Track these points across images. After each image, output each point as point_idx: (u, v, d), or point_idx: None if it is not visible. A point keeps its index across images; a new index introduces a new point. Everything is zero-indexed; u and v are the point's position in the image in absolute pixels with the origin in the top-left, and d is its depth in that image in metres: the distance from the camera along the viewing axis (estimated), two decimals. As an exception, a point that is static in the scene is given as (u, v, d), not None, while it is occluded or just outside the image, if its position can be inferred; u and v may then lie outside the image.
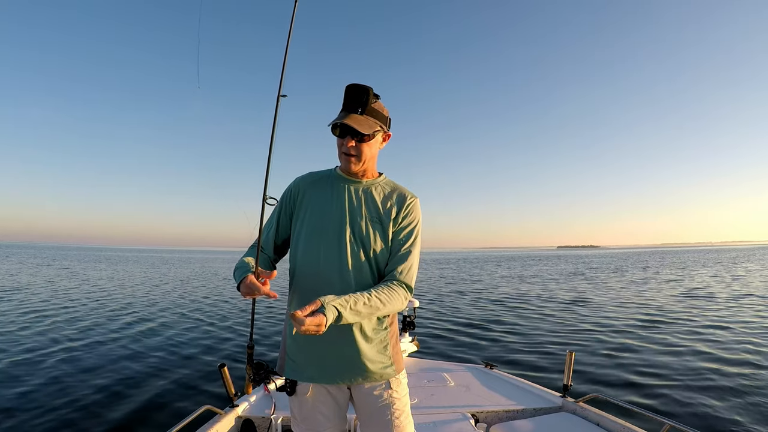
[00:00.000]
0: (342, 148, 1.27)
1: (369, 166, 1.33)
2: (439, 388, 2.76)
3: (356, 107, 1.23)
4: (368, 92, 1.23)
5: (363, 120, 1.22)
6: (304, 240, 1.31)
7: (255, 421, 2.31)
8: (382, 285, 1.23)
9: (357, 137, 1.24)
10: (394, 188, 1.37)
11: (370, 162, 1.32)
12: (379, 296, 1.17)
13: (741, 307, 10.14)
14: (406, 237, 1.31)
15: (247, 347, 1.63)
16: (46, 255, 52.84)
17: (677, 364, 5.33)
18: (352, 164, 1.28)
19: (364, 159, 1.29)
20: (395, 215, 1.31)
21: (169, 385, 4.54)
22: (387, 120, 1.31)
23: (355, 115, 1.22)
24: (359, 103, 1.23)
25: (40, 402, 4.00)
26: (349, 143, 1.24)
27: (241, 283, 1.18)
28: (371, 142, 1.28)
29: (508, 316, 9.21)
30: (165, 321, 8.54)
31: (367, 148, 1.27)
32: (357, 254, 1.26)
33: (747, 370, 5.06)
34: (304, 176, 1.41)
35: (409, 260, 1.29)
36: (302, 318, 0.98)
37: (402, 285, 1.25)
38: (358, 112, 1.23)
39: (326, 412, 1.31)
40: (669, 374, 4.90)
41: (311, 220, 1.31)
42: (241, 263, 1.28)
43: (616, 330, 7.53)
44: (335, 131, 1.27)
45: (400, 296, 1.24)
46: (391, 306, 1.20)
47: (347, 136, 1.24)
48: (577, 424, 2.25)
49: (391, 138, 1.38)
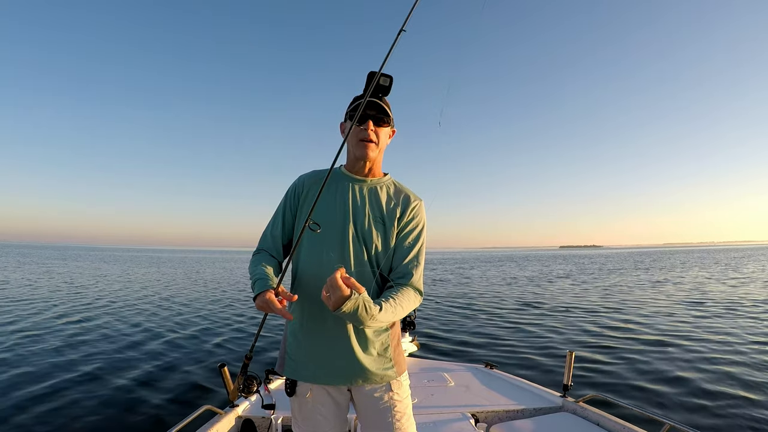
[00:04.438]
0: (361, 134, 1.26)
1: (377, 161, 1.34)
2: (439, 388, 2.76)
3: (380, 93, 1.24)
4: (391, 79, 1.23)
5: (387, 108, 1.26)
6: (307, 239, 1.29)
7: (255, 421, 2.32)
8: (395, 290, 1.23)
9: (377, 122, 1.26)
10: (398, 189, 1.36)
11: (380, 154, 1.33)
12: (400, 302, 1.18)
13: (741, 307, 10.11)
14: (413, 240, 1.31)
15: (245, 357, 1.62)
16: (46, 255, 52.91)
17: (678, 363, 5.32)
18: (370, 150, 1.27)
19: (381, 147, 1.30)
20: (399, 216, 1.30)
21: (169, 385, 4.55)
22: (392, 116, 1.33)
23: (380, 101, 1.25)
24: (383, 89, 1.23)
25: (39, 402, 4.01)
26: (370, 127, 1.25)
27: (258, 296, 1.16)
28: (387, 131, 1.31)
29: (508, 316, 9.19)
30: (165, 321, 8.55)
31: (384, 136, 1.30)
32: (359, 254, 1.26)
33: (747, 370, 5.05)
34: (309, 174, 1.39)
35: (417, 263, 1.29)
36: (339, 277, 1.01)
37: (413, 289, 1.26)
38: (380, 99, 1.25)
39: (326, 414, 1.30)
40: (669, 374, 4.89)
41: (314, 221, 1.28)
42: (261, 274, 1.23)
43: (616, 330, 7.52)
44: (354, 116, 1.24)
45: (413, 301, 1.25)
46: (406, 311, 1.22)
47: (368, 121, 1.25)
48: (577, 424, 2.25)
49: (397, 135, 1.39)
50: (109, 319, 8.64)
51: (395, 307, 1.16)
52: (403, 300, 1.20)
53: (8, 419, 3.62)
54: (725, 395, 4.22)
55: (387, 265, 1.30)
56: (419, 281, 1.30)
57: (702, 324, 8.00)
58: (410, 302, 1.23)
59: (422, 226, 1.34)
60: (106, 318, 8.73)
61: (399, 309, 1.18)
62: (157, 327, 7.85)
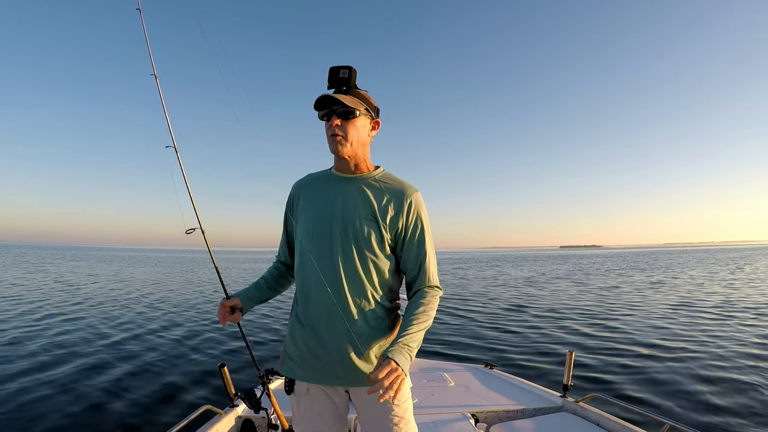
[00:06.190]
0: (329, 130, 1.22)
1: (360, 155, 1.27)
2: (439, 388, 2.76)
3: (340, 86, 1.21)
4: (350, 70, 1.20)
5: (348, 98, 1.20)
6: (300, 244, 1.29)
7: (255, 421, 2.32)
8: (414, 299, 1.25)
9: (342, 116, 1.20)
10: (391, 182, 1.28)
11: (359, 148, 1.26)
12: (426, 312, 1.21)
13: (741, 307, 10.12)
14: (419, 237, 1.27)
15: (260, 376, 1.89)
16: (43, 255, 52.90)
17: (678, 364, 5.32)
18: (339, 144, 1.21)
19: (351, 140, 1.22)
20: (393, 213, 1.24)
21: (169, 385, 4.55)
22: (374, 108, 1.27)
23: (339, 94, 1.20)
24: (342, 81, 1.20)
25: (37, 401, 4.02)
26: (335, 122, 1.20)
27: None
28: (357, 123, 1.22)
29: (508, 316, 9.20)
30: (165, 321, 8.56)
31: (353, 129, 1.21)
32: (350, 255, 1.21)
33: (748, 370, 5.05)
34: (301, 179, 1.39)
35: (427, 259, 1.27)
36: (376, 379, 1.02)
37: (430, 288, 1.27)
38: (342, 91, 1.21)
39: (323, 414, 1.28)
40: (669, 374, 4.89)
41: (306, 224, 1.28)
42: (257, 280, 1.44)
43: (616, 330, 7.52)
44: (321, 114, 1.23)
45: (433, 302, 1.25)
46: (431, 314, 1.23)
47: (333, 116, 1.20)
48: (577, 424, 2.25)
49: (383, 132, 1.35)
50: (109, 319, 8.64)
51: (420, 323, 1.18)
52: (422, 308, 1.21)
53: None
54: (725, 395, 4.22)
55: (387, 266, 1.26)
56: (434, 277, 1.28)
57: (702, 324, 8.00)
58: (431, 304, 1.24)
59: (423, 217, 1.28)
60: (106, 317, 8.73)
61: (424, 319, 1.20)
62: (157, 327, 7.86)
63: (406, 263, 1.27)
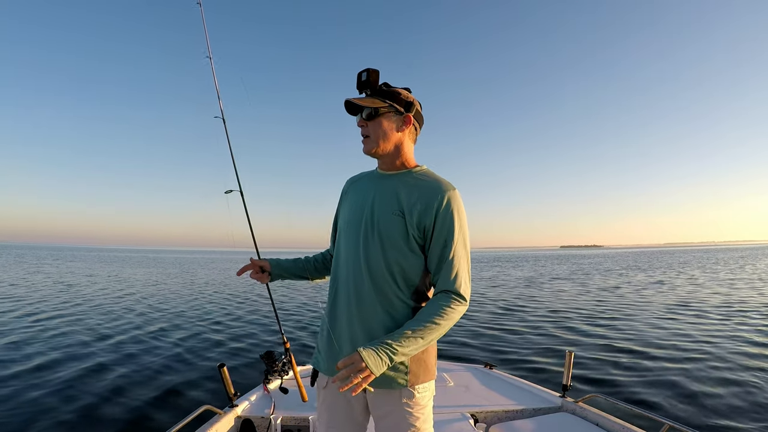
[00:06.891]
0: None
1: (393, 152, 1.27)
2: (439, 388, 2.76)
3: (362, 89, 1.24)
4: (369, 72, 1.21)
5: (366, 99, 1.23)
6: (338, 236, 1.36)
7: (254, 421, 2.32)
8: (429, 302, 1.17)
9: (366, 117, 1.24)
10: (427, 179, 1.24)
11: (389, 146, 1.25)
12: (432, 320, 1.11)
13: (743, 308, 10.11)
14: (447, 236, 1.17)
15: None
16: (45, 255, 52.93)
17: (678, 364, 5.32)
18: (365, 144, 1.26)
19: (377, 138, 1.23)
20: (422, 209, 1.18)
21: (168, 385, 4.55)
22: (405, 102, 1.24)
23: (357, 97, 1.25)
24: (363, 84, 1.23)
25: (37, 402, 4.02)
26: (359, 123, 1.26)
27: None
28: (383, 120, 1.22)
29: (507, 316, 9.20)
30: (165, 321, 8.56)
31: (377, 128, 1.23)
32: (375, 250, 1.20)
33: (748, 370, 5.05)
34: (353, 176, 1.45)
35: (455, 264, 1.16)
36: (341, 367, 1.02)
37: (452, 296, 1.14)
38: (366, 94, 1.25)
39: (337, 408, 1.28)
40: (669, 374, 4.89)
41: (344, 217, 1.35)
42: (299, 258, 1.55)
43: (616, 330, 7.52)
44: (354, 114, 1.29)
45: (451, 311, 1.12)
46: (445, 323, 1.12)
47: (358, 118, 1.26)
48: (577, 424, 2.25)
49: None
50: (108, 319, 8.65)
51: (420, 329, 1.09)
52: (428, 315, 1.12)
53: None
54: (725, 395, 4.22)
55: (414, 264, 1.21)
56: (458, 284, 1.15)
57: (702, 324, 8.00)
58: (443, 313, 1.11)
59: (455, 217, 1.18)
60: (106, 318, 8.73)
61: (427, 326, 1.10)
62: (157, 327, 7.85)
63: (431, 263, 1.20)
